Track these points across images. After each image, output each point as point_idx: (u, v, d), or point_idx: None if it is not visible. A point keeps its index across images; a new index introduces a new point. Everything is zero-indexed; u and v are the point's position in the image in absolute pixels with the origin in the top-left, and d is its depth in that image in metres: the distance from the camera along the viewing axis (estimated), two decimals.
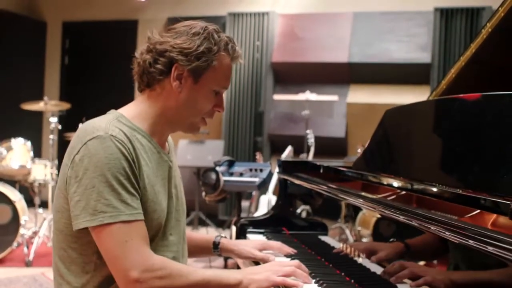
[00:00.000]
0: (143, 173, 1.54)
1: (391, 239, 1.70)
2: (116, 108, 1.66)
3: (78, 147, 1.49)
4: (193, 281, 1.50)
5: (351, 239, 2.11)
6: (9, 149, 5.17)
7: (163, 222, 1.61)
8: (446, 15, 6.35)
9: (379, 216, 1.84)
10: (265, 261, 1.92)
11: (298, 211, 2.69)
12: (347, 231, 2.19)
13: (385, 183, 1.94)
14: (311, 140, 5.79)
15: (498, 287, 1.17)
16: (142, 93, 1.67)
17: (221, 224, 6.59)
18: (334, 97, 6.51)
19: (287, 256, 1.98)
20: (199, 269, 1.56)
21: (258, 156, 5.68)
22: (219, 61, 1.62)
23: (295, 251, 1.99)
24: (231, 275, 1.56)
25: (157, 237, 1.60)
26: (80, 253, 1.54)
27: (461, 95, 1.75)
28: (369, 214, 1.90)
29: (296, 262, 1.68)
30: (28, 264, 4.82)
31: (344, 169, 2.30)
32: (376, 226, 1.90)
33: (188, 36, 1.59)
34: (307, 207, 3.28)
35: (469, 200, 1.43)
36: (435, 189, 1.61)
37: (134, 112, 1.63)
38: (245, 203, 5.72)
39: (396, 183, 1.87)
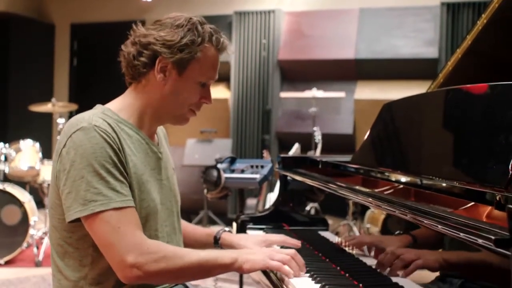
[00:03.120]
0: (129, 162, 1.55)
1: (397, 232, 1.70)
2: None
3: (64, 140, 1.51)
4: (188, 263, 1.51)
5: None
6: (18, 150, 5.21)
7: (152, 211, 1.62)
8: (452, 9, 6.31)
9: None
10: None
11: (307, 208, 2.69)
12: (355, 229, 2.19)
13: (382, 177, 1.94)
14: (318, 137, 5.77)
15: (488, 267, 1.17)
16: (129, 86, 1.69)
17: (230, 222, 6.58)
18: (341, 94, 6.49)
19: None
20: (194, 251, 1.56)
21: (265, 154, 5.67)
22: (203, 53, 1.62)
23: (299, 242, 1.98)
24: (226, 255, 1.57)
25: (147, 226, 1.60)
26: (76, 247, 1.56)
27: (456, 86, 1.74)
28: (378, 212, 1.89)
29: (293, 251, 1.67)
30: (37, 264, 4.87)
31: (343, 163, 2.30)
32: (385, 224, 1.90)
33: (171, 28, 1.61)
34: (315, 204, 3.26)
35: (462, 192, 1.42)
36: (431, 182, 1.60)
37: (121, 105, 1.66)
38: (253, 201, 5.73)
39: (393, 177, 1.87)
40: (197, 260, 1.53)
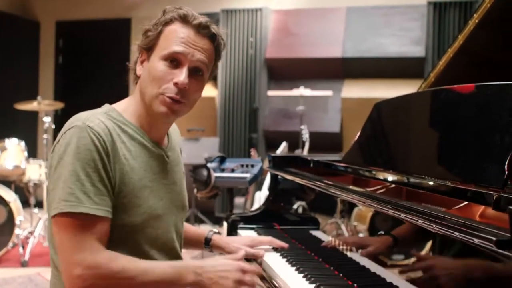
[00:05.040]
0: (122, 168, 1.50)
1: (380, 232, 1.70)
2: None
3: (59, 137, 1.49)
4: (141, 282, 1.45)
5: (346, 234, 2.10)
6: (3, 149, 5.16)
7: (151, 218, 1.56)
8: (439, 8, 6.33)
9: (375, 211, 1.84)
10: (255, 257, 1.91)
11: (295, 207, 2.68)
12: (343, 227, 2.18)
13: (374, 176, 1.94)
14: (306, 135, 5.78)
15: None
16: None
17: (218, 221, 6.58)
18: (328, 92, 6.49)
19: (283, 249, 1.97)
20: (151, 268, 1.48)
21: (253, 152, 5.66)
22: (167, 28, 1.56)
23: (286, 244, 1.99)
24: (185, 276, 1.49)
25: (146, 233, 1.56)
26: None
27: (448, 86, 1.75)
28: (365, 209, 1.89)
29: (256, 269, 1.63)
30: (23, 264, 4.81)
31: (334, 163, 2.30)
32: (372, 221, 1.89)
33: None
34: (303, 203, 3.27)
35: (456, 192, 1.42)
36: (423, 182, 1.60)
37: (125, 105, 1.63)
38: (240, 200, 5.71)
39: (385, 176, 1.87)
40: (153, 281, 1.46)
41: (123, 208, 1.50)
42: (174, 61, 1.54)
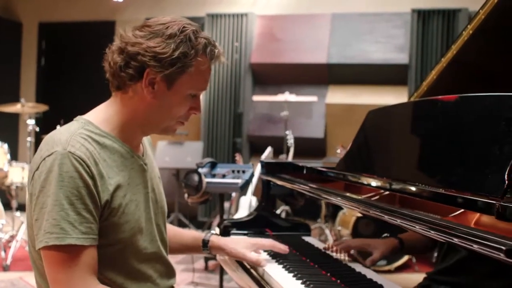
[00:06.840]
0: (108, 187, 1.45)
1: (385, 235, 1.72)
2: (91, 109, 1.59)
3: (38, 162, 1.42)
4: None
5: (331, 239, 2.12)
6: None
7: (138, 231, 1.54)
8: (423, 16, 6.42)
9: (358, 215, 1.86)
10: (257, 265, 1.88)
11: (278, 211, 2.69)
12: (327, 231, 2.20)
13: (368, 183, 1.95)
14: (290, 141, 5.80)
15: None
16: (115, 94, 1.57)
17: (201, 226, 6.57)
18: (313, 98, 6.52)
19: (279, 256, 1.97)
20: None
21: (238, 157, 5.67)
22: (196, 66, 1.50)
23: (287, 249, 1.98)
24: None
25: (135, 246, 1.54)
26: None
27: (443, 96, 1.77)
28: (349, 214, 1.91)
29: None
30: (5, 268, 4.75)
31: (327, 170, 2.31)
32: (356, 226, 1.92)
33: (163, 38, 1.47)
34: (287, 207, 3.29)
35: (455, 200, 1.44)
36: (418, 189, 1.62)
37: (104, 116, 1.54)
38: (225, 205, 5.71)
39: (379, 184, 1.89)
40: None
41: (113, 227, 1.47)
42: (195, 95, 1.58)
